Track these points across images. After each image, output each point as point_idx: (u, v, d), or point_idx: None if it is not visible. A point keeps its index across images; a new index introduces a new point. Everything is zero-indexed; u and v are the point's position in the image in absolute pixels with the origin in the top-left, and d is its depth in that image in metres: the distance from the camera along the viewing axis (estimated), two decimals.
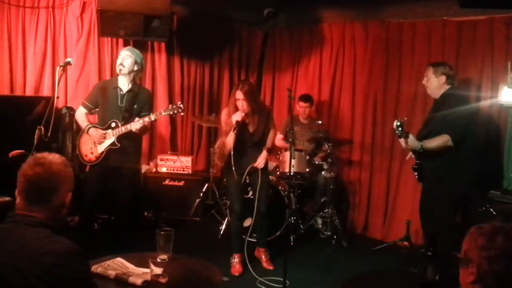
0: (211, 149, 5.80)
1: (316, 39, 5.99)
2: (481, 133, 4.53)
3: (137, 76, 4.28)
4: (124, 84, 4.18)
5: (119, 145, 4.12)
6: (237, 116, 4.00)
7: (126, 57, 4.14)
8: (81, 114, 4.24)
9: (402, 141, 3.65)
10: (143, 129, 4.16)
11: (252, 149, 4.23)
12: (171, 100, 5.87)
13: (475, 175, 3.88)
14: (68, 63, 3.91)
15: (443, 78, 3.84)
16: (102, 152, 4.14)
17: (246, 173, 4.21)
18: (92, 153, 4.18)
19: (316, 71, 6.00)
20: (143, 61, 4.38)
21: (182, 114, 4.23)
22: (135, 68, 4.18)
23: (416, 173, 3.91)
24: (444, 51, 4.94)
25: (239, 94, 4.03)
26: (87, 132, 4.15)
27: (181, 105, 4.16)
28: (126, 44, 5.50)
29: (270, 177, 4.82)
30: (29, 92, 5.07)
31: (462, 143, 3.70)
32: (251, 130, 4.20)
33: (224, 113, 4.25)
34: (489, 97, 4.59)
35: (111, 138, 4.12)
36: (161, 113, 4.17)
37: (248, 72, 6.48)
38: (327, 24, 5.90)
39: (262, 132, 4.23)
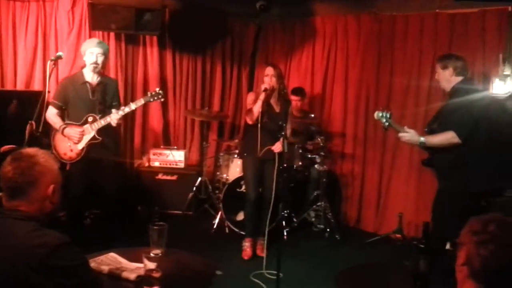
0: (204, 143, 5.79)
1: (309, 32, 5.98)
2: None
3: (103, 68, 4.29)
4: (91, 77, 4.15)
5: (100, 138, 4.09)
6: (265, 85, 4.22)
7: (99, 55, 4.11)
8: (52, 115, 4.12)
9: (401, 135, 3.55)
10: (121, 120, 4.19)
11: (274, 135, 4.19)
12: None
13: (483, 174, 3.56)
14: (59, 57, 3.90)
15: (451, 70, 3.68)
16: (83, 148, 4.08)
17: (262, 152, 4.20)
18: (72, 150, 4.10)
19: (308, 64, 5.99)
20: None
21: (162, 100, 4.29)
22: (105, 61, 4.23)
23: (430, 168, 3.80)
24: (436, 43, 4.94)
25: (270, 70, 4.28)
26: (62, 132, 4.06)
27: (160, 91, 4.19)
28: (117, 37, 5.47)
29: None
30: (20, 86, 5.03)
31: (472, 139, 3.49)
32: (277, 110, 4.32)
33: (250, 95, 4.47)
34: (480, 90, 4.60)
35: (90, 132, 4.07)
36: (140, 101, 4.18)
37: (240, 66, 6.45)
38: (320, 17, 5.89)
39: (284, 117, 4.20)
